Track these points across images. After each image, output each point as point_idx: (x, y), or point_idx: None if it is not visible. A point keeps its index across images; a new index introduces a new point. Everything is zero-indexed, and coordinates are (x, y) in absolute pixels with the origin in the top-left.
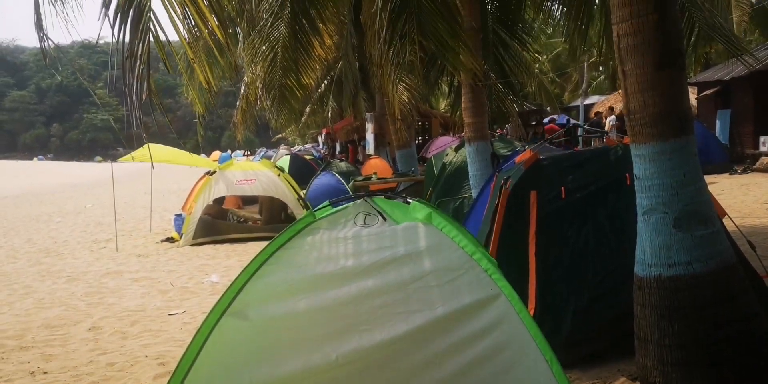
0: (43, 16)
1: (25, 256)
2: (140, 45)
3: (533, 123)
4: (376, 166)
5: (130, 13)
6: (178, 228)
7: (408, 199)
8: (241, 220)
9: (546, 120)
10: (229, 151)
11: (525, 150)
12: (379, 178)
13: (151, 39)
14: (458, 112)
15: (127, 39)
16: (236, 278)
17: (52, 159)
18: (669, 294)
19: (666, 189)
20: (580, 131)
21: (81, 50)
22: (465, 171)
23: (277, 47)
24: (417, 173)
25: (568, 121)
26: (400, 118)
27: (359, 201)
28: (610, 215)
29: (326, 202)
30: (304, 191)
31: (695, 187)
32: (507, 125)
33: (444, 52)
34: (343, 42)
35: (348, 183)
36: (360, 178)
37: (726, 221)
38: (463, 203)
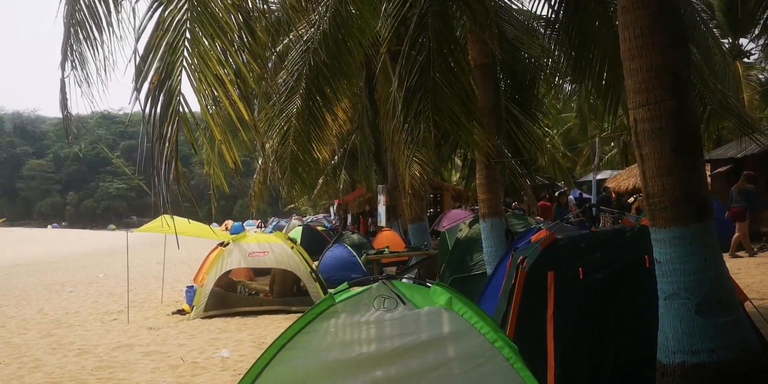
0: (68, 96)
1: (36, 327)
2: (169, 128)
3: (556, 194)
4: (389, 239)
5: (161, 98)
6: (190, 300)
7: (428, 283)
8: (252, 292)
9: (557, 194)
10: (241, 222)
11: (540, 228)
12: (391, 252)
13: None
14: (471, 186)
15: (155, 121)
16: (254, 363)
17: (66, 227)
18: (693, 382)
19: (687, 274)
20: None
21: (100, 120)
22: (479, 247)
23: (292, 120)
24: (430, 247)
25: (581, 195)
26: (411, 192)
27: (378, 283)
28: (630, 298)
29: (344, 284)
30: (316, 263)
31: (717, 273)
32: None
33: (458, 131)
34: (357, 116)
35: (360, 256)
36: (372, 251)
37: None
38: (477, 280)
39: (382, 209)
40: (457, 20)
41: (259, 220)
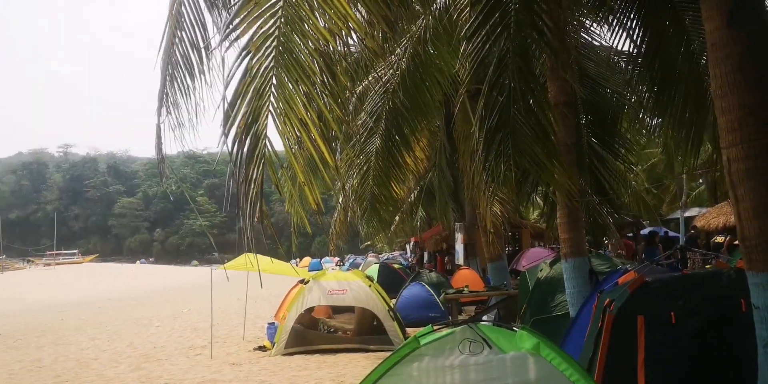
0: (163, 140)
1: (126, 360)
2: (255, 170)
3: (644, 232)
4: (467, 278)
5: (247, 141)
6: (271, 337)
7: (514, 327)
8: (332, 330)
9: (645, 232)
10: (319, 259)
11: (627, 269)
12: (471, 291)
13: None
14: (553, 225)
15: (242, 163)
16: None
17: (153, 262)
18: None
19: None
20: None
21: (185, 160)
22: (561, 287)
23: (371, 160)
24: (509, 287)
25: (666, 233)
26: (492, 231)
27: (464, 327)
28: (725, 344)
29: (429, 327)
30: (394, 301)
31: None
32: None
33: (538, 170)
34: (435, 154)
35: (438, 294)
36: (451, 290)
37: None
38: (559, 322)
39: (459, 247)
40: (537, 59)
41: (338, 258)
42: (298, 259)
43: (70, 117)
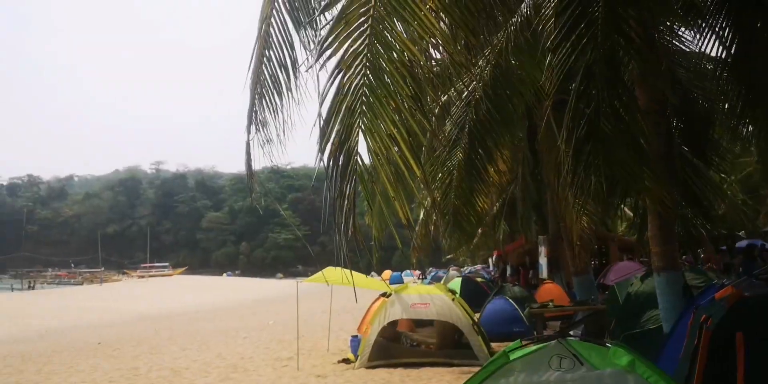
0: (252, 156)
1: (216, 370)
2: (348, 186)
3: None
4: (551, 292)
5: (341, 158)
6: (355, 349)
7: (607, 343)
8: (415, 343)
9: (742, 244)
10: (400, 272)
11: (723, 284)
12: (556, 306)
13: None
14: (643, 237)
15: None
16: None
17: (238, 275)
18: None
19: None
20: None
21: (270, 175)
22: (652, 302)
23: (454, 173)
24: (597, 301)
25: (763, 246)
26: (579, 243)
27: (554, 342)
28: None
29: (517, 341)
30: (477, 315)
31: None
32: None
33: (630, 180)
34: (518, 166)
35: (523, 309)
36: (536, 305)
37: None
38: (651, 338)
39: (543, 261)
40: (625, 66)
41: (419, 271)
42: (374, 273)
43: (162, 136)
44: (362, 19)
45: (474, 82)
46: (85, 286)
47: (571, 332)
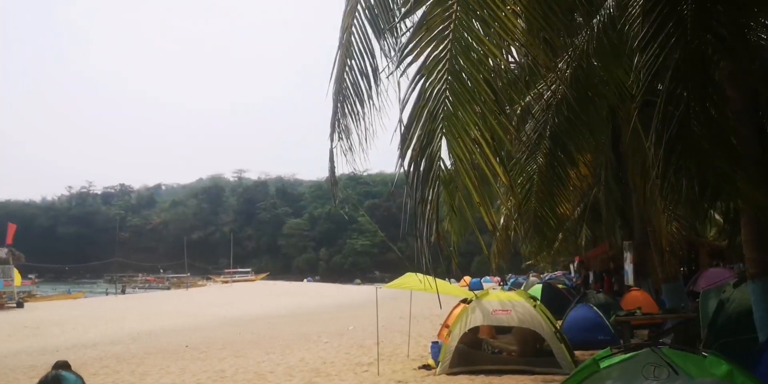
0: (336, 164)
1: (299, 374)
2: (430, 191)
3: None
4: (638, 300)
5: (422, 163)
6: (435, 355)
7: (703, 352)
8: (496, 350)
9: None
10: (479, 278)
11: None
12: (643, 314)
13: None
14: (735, 243)
15: (417, 185)
16: None
17: (318, 281)
18: None
19: None
20: None
21: (347, 181)
22: (748, 311)
23: (534, 178)
24: (688, 309)
25: None
26: (668, 249)
27: (646, 350)
28: None
29: (607, 349)
30: (560, 322)
31: None
32: None
33: (723, 185)
34: (601, 169)
35: (607, 317)
36: (622, 312)
37: None
38: (746, 347)
39: (629, 267)
40: (716, 65)
41: (498, 277)
42: (465, 280)
43: (244, 144)
44: (444, 24)
45: (555, 85)
46: (172, 290)
47: (661, 341)
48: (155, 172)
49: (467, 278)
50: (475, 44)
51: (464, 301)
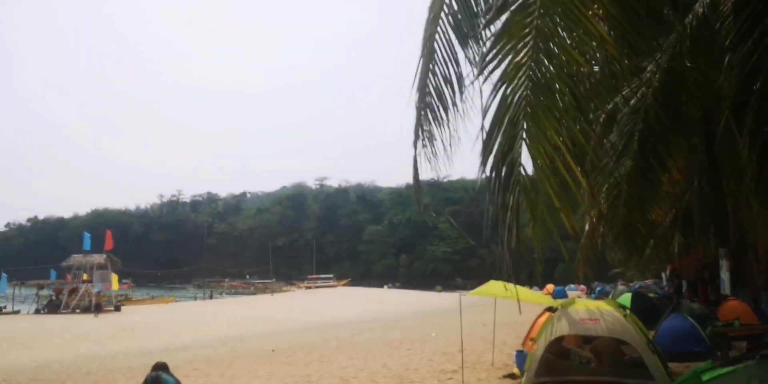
0: (419, 171)
1: (383, 380)
2: (511, 197)
3: None
4: (736, 310)
5: (503, 169)
6: (520, 364)
7: None
8: (584, 361)
9: None
10: (563, 286)
11: None
12: (742, 325)
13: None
14: None
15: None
16: None
17: (399, 287)
18: None
19: None
20: None
21: (427, 188)
22: None
23: (622, 184)
24: None
25: None
26: (766, 257)
27: (750, 363)
28: None
29: (708, 362)
30: (652, 333)
31: None
32: None
33: None
34: (694, 173)
35: (703, 327)
36: (719, 323)
37: None
38: None
39: (725, 275)
40: None
41: (584, 286)
42: (535, 287)
43: (324, 152)
44: (525, 30)
45: (643, 88)
46: (258, 296)
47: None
48: (240, 180)
49: (550, 286)
50: (556, 50)
51: (549, 309)
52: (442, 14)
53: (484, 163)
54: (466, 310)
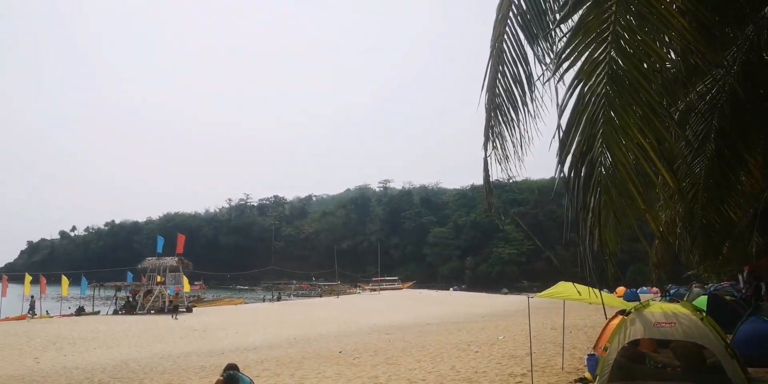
0: (490, 173)
1: (451, 383)
2: (591, 198)
3: None
4: None
5: (583, 169)
6: (592, 369)
7: None
8: (660, 365)
9: None
10: (635, 288)
11: None
12: None
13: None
14: None
15: (578, 192)
16: None
17: (464, 289)
18: None
19: None
20: None
21: (494, 189)
22: None
23: (700, 183)
24: None
25: None
26: None
27: None
28: None
29: None
30: (730, 337)
31: None
32: None
33: None
34: None
35: None
36: None
37: None
38: None
39: None
40: None
41: (656, 288)
42: (606, 289)
43: (389, 155)
44: (603, 26)
45: (722, 81)
46: (324, 298)
47: None
48: (307, 184)
49: (621, 289)
50: (635, 44)
51: (622, 312)
52: (511, 14)
53: (561, 162)
54: (535, 312)
